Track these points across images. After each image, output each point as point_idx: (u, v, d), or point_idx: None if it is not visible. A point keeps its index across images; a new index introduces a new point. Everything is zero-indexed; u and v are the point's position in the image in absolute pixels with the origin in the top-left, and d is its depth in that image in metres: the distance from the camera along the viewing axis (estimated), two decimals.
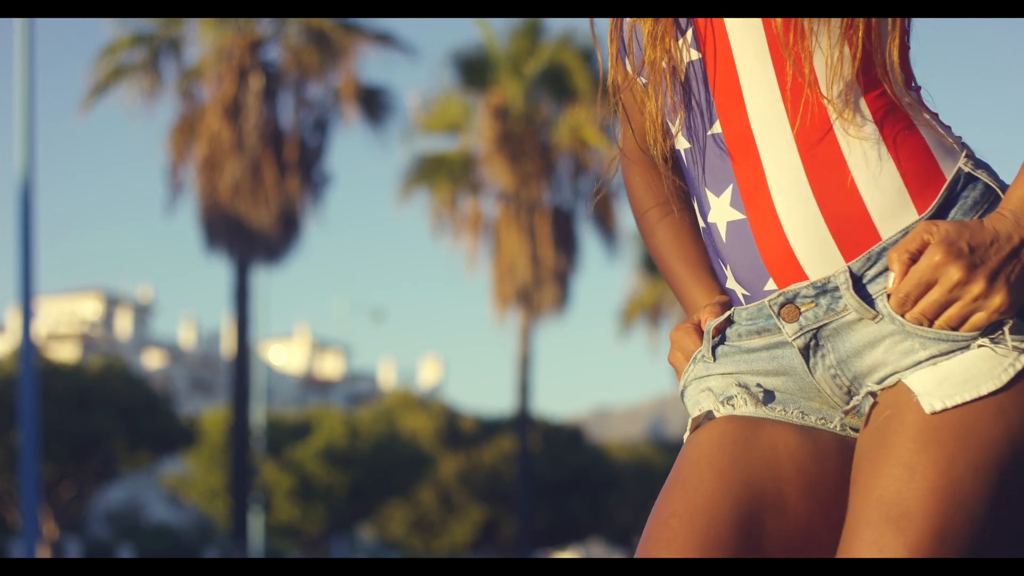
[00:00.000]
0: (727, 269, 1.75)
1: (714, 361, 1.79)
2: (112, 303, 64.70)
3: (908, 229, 1.63)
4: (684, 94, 1.72)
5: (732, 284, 1.75)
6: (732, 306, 1.80)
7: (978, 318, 1.59)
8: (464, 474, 34.76)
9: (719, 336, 1.79)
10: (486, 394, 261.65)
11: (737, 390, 1.75)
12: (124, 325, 64.56)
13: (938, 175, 1.66)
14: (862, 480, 1.61)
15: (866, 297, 1.64)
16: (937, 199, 1.64)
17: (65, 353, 49.12)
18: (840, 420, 1.73)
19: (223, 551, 34.67)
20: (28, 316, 12.58)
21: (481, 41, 25.42)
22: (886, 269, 1.63)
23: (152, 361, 61.52)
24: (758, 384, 1.75)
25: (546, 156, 24.98)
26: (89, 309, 64.00)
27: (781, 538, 1.67)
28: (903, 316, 1.62)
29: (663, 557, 1.64)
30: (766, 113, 1.66)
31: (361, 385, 72.58)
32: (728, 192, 1.70)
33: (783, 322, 1.69)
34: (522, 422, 25.96)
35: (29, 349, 12.58)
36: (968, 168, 1.67)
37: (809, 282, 1.66)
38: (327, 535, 33.23)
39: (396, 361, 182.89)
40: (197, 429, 30.29)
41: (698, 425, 1.76)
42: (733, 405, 1.75)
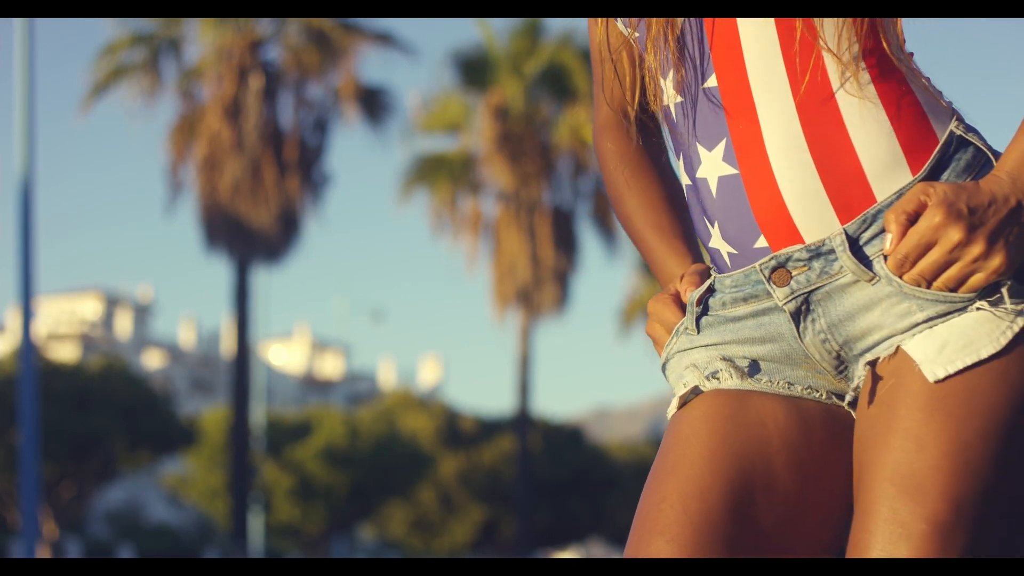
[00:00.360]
0: (714, 227, 1.72)
1: (698, 333, 1.77)
2: (112, 303, 64.73)
3: (903, 191, 1.63)
4: (679, 47, 1.71)
5: (717, 243, 1.73)
6: (711, 273, 1.79)
7: (976, 279, 1.59)
8: (464, 474, 34.76)
9: (701, 306, 1.77)
10: (486, 394, 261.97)
11: (722, 364, 1.74)
12: (124, 325, 64.58)
13: (931, 137, 1.66)
14: (871, 454, 1.61)
15: (863, 259, 1.64)
16: (930, 160, 1.65)
17: (65, 353, 49.14)
18: (826, 389, 1.73)
19: (223, 551, 34.66)
20: (28, 316, 12.58)
21: (481, 41, 25.44)
22: (882, 231, 1.63)
23: (152, 361, 61.54)
24: (743, 355, 1.74)
25: (546, 156, 24.97)
26: (89, 309, 64.02)
27: (772, 514, 1.67)
28: (901, 277, 1.62)
29: (659, 546, 1.64)
30: (765, 66, 1.65)
31: (361, 385, 72.58)
32: (721, 146, 1.68)
33: (774, 286, 1.68)
34: (522, 422, 25.95)
35: (29, 349, 12.58)
36: (960, 131, 1.67)
37: (802, 245, 1.65)
38: (327, 535, 33.24)
39: (396, 361, 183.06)
40: (197, 429, 30.29)
41: (685, 402, 1.76)
42: (719, 379, 1.74)
